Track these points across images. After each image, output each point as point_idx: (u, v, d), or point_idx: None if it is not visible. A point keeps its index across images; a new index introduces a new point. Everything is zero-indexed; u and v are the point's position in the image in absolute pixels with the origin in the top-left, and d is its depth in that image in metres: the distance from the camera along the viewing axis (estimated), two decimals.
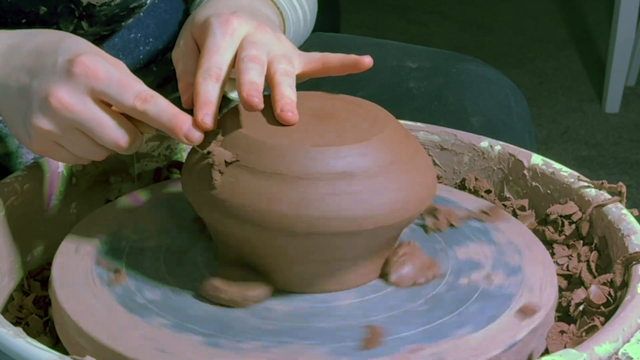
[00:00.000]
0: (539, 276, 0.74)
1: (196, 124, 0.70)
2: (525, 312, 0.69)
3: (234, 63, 0.75)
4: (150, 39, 1.03)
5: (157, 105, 0.69)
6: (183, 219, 0.80)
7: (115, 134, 0.71)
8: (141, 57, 1.03)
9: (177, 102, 0.77)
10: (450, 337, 0.66)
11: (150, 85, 1.01)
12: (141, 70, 1.03)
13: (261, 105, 0.70)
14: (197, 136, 0.70)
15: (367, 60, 0.78)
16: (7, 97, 0.73)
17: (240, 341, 0.65)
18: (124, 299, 0.70)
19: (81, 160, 0.74)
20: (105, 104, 0.71)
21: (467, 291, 0.72)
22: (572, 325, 0.74)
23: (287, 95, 0.72)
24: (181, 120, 0.69)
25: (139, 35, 1.02)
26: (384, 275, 0.73)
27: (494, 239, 0.79)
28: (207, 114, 0.70)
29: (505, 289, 0.72)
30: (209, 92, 0.72)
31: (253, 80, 0.71)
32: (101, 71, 0.69)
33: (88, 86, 0.69)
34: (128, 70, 0.73)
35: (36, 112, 0.70)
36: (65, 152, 0.73)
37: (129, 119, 0.72)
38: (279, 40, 0.78)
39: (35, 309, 0.77)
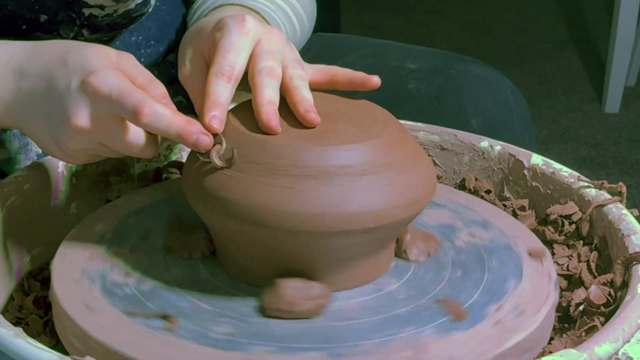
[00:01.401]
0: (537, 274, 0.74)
1: (202, 123, 0.69)
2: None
3: (247, 63, 0.75)
4: (152, 42, 1.03)
5: (158, 117, 0.69)
6: (184, 218, 0.80)
7: (133, 149, 0.71)
8: (142, 59, 1.03)
9: (178, 107, 0.76)
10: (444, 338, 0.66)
11: None
12: None
13: (279, 129, 0.70)
14: (206, 143, 0.69)
15: (375, 80, 0.78)
16: (30, 123, 0.74)
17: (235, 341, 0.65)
18: (124, 300, 0.70)
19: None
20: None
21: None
22: (572, 325, 0.74)
23: (307, 97, 0.73)
24: (190, 131, 0.69)
25: (140, 38, 1.02)
26: (400, 255, 0.75)
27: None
28: (214, 115, 0.70)
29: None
30: (218, 92, 0.71)
31: (271, 99, 0.71)
32: (104, 89, 0.69)
33: (100, 106, 0.70)
34: (134, 64, 0.73)
35: (65, 137, 0.72)
36: (99, 157, 0.76)
37: None
38: (289, 45, 0.78)
39: (35, 309, 0.77)
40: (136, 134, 0.71)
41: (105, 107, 0.69)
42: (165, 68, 1.05)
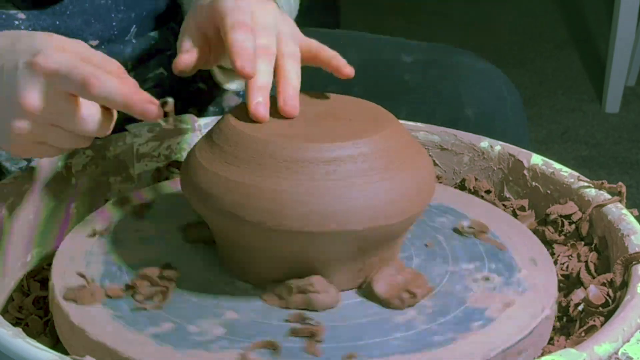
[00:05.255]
0: (539, 278, 0.74)
1: (235, 69, 0.70)
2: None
3: None
4: (122, 7, 1.02)
5: (107, 88, 0.68)
6: (183, 218, 0.80)
7: (89, 125, 0.70)
8: (114, 24, 1.02)
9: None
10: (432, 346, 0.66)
11: (132, 58, 1.00)
12: (118, 39, 1.02)
13: (266, 118, 0.71)
14: (154, 113, 0.69)
15: (348, 71, 0.79)
16: None
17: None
18: (123, 299, 0.70)
19: (66, 150, 0.74)
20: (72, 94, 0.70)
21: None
22: (572, 325, 0.74)
23: (292, 84, 0.73)
24: (133, 100, 0.68)
25: (110, 1, 1.01)
26: (361, 286, 0.72)
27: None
28: (245, 60, 0.71)
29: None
30: (242, 40, 0.72)
31: (262, 85, 0.72)
32: (52, 66, 0.69)
33: (49, 83, 0.69)
34: (87, 47, 0.72)
35: (13, 118, 0.70)
36: (47, 147, 0.73)
37: None
38: (283, 17, 0.78)
39: (35, 310, 0.77)
40: (90, 108, 0.70)
41: (55, 84, 0.69)
42: (143, 40, 1.04)
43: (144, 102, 0.69)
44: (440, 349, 0.65)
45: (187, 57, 0.77)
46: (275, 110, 0.73)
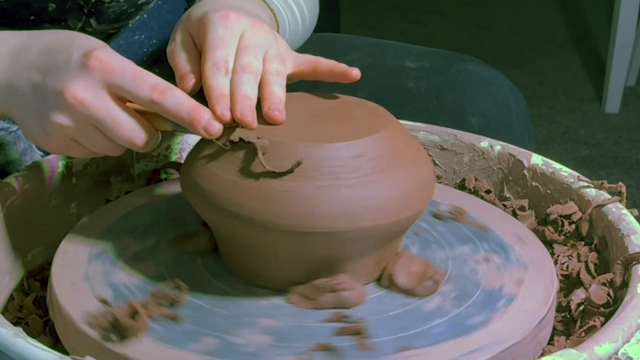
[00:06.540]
0: (539, 274, 0.74)
1: (215, 117, 0.69)
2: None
3: None
4: (154, 41, 1.03)
5: (175, 98, 0.69)
6: (183, 219, 0.80)
7: (131, 132, 0.70)
8: (145, 58, 1.03)
9: None
10: (442, 339, 0.66)
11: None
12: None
13: (254, 124, 0.70)
14: (217, 129, 0.69)
15: (355, 73, 0.77)
16: (18, 97, 0.72)
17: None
18: (123, 300, 0.70)
19: (97, 155, 0.73)
20: (121, 100, 0.70)
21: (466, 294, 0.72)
22: (572, 325, 0.74)
23: (276, 94, 0.72)
24: (200, 113, 0.68)
25: (143, 37, 1.02)
26: (381, 279, 0.73)
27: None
28: (225, 106, 0.70)
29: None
30: (221, 86, 0.71)
31: (245, 94, 0.71)
32: (116, 64, 0.69)
33: (103, 80, 0.69)
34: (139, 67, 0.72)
35: (52, 108, 0.69)
36: (80, 147, 0.73)
37: (145, 115, 0.71)
38: (275, 38, 0.78)
39: (35, 309, 0.77)
40: (133, 116, 0.70)
41: (115, 82, 0.68)
42: (166, 66, 1.04)
43: (210, 117, 0.68)
44: (482, 331, 0.66)
45: (188, 85, 0.75)
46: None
